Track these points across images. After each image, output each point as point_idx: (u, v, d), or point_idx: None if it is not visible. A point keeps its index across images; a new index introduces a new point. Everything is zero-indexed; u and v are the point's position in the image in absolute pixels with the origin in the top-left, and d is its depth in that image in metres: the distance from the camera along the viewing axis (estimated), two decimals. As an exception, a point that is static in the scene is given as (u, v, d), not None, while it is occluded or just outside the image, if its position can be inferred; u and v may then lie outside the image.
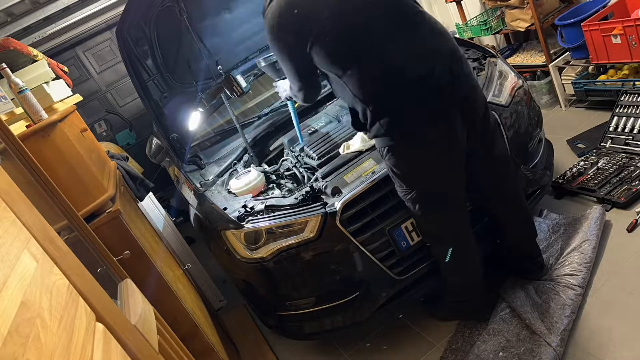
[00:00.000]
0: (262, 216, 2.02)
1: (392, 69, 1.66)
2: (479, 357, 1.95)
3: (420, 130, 1.71)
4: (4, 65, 1.64)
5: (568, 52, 3.41)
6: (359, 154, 2.17)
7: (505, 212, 2.05)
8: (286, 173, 2.46)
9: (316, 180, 2.14)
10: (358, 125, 1.84)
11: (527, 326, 1.96)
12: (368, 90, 1.69)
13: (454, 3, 4.10)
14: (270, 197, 2.13)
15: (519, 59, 3.84)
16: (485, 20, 3.90)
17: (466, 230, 1.96)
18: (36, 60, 2.11)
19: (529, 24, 3.49)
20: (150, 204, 3.03)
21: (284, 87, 2.23)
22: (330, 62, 1.71)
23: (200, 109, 2.75)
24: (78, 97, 2.26)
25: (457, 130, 1.73)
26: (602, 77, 3.20)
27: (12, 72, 1.65)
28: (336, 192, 1.99)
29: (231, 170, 2.56)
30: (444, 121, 1.71)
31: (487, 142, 1.87)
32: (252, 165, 2.59)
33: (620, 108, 2.86)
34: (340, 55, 1.68)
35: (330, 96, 2.92)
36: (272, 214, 2.01)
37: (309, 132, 2.62)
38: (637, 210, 2.30)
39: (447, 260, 1.93)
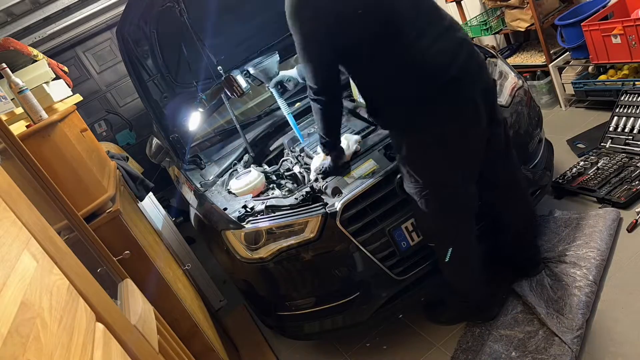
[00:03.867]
0: (262, 216, 2.02)
1: (413, 63, 1.65)
2: (492, 357, 1.94)
3: (438, 126, 1.70)
4: (4, 65, 1.64)
5: (568, 52, 3.41)
6: (361, 153, 2.17)
7: (513, 206, 2.04)
8: (286, 173, 2.46)
9: (316, 180, 2.14)
10: (374, 114, 1.83)
11: (540, 325, 1.96)
12: (386, 82, 1.68)
13: (454, 3, 4.10)
14: (271, 198, 2.13)
15: (519, 59, 3.84)
16: (485, 20, 3.90)
17: (473, 229, 1.96)
18: (36, 60, 2.11)
19: (529, 24, 3.49)
20: (150, 204, 3.03)
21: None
22: (350, 51, 1.69)
23: (201, 109, 2.75)
24: (78, 97, 2.26)
25: (475, 127, 1.72)
26: (602, 77, 3.20)
27: (12, 72, 1.65)
28: (336, 192, 1.99)
29: (231, 170, 2.56)
30: (462, 117, 1.70)
31: (497, 135, 1.86)
32: (252, 165, 2.59)
33: (620, 108, 2.86)
34: (360, 45, 1.66)
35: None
36: (272, 214, 2.01)
37: (309, 132, 2.62)
38: (637, 210, 2.30)
39: (447, 259, 1.93)
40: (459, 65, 1.66)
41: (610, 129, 2.84)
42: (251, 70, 2.42)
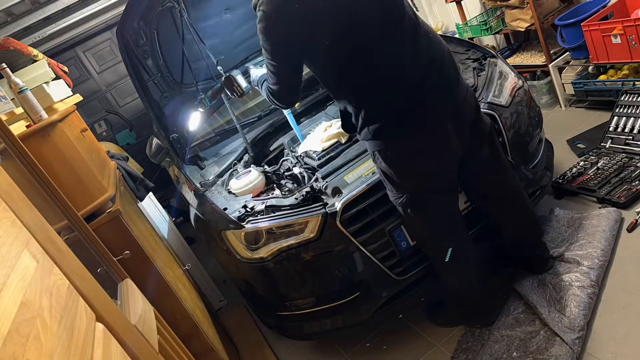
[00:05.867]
0: (263, 216, 2.02)
1: (386, 76, 1.66)
2: (492, 357, 1.94)
3: (410, 137, 1.71)
4: (4, 65, 1.64)
5: (568, 52, 3.41)
6: (359, 154, 2.17)
7: (509, 216, 2.05)
8: (286, 173, 2.46)
9: (316, 180, 2.14)
10: (348, 127, 1.85)
11: (542, 325, 1.95)
12: (361, 94, 1.69)
13: (454, 3, 4.10)
14: (271, 198, 2.13)
15: (519, 59, 3.84)
16: (485, 20, 3.90)
17: (459, 233, 1.96)
18: (36, 60, 2.11)
19: (529, 24, 3.49)
20: (150, 204, 3.03)
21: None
22: (324, 64, 1.70)
23: (201, 109, 2.75)
24: (78, 97, 2.26)
25: (448, 138, 1.73)
26: (602, 77, 3.20)
27: (12, 72, 1.65)
28: (336, 192, 1.99)
29: (231, 170, 2.56)
30: (434, 129, 1.72)
31: (480, 147, 1.87)
32: (252, 165, 2.59)
33: (620, 108, 2.86)
34: (334, 59, 1.66)
35: (330, 97, 2.92)
36: (273, 214, 2.01)
37: (309, 132, 2.62)
38: (637, 210, 2.30)
39: (445, 260, 1.93)
40: (431, 85, 1.67)
41: (610, 129, 2.84)
42: (251, 67, 2.42)
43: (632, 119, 2.75)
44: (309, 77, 3.27)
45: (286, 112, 2.57)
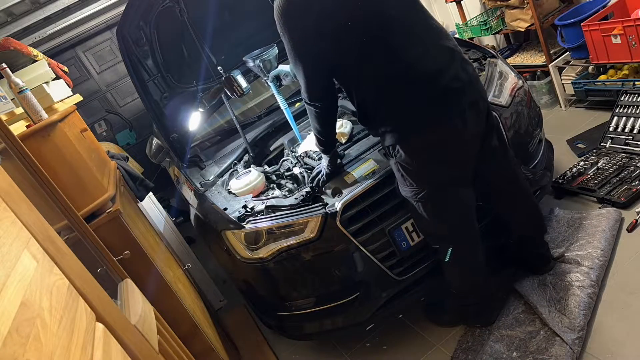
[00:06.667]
0: (263, 216, 2.02)
1: (405, 72, 1.67)
2: (492, 357, 1.94)
3: (433, 127, 1.71)
4: (4, 65, 1.64)
5: (568, 52, 3.41)
6: (359, 154, 2.17)
7: (515, 209, 2.05)
8: (286, 173, 2.46)
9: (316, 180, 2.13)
10: (366, 121, 1.84)
11: (542, 325, 1.95)
12: (378, 90, 1.70)
13: (454, 3, 4.10)
14: (271, 198, 2.13)
15: (519, 59, 3.84)
16: (485, 20, 3.90)
17: (474, 230, 1.95)
18: (36, 60, 2.12)
19: (529, 24, 3.49)
20: (150, 204, 3.03)
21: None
22: (341, 61, 1.70)
23: (201, 109, 2.75)
24: (78, 97, 2.26)
25: (469, 125, 1.74)
26: (602, 77, 3.20)
27: (12, 72, 1.65)
28: (336, 192, 1.99)
29: (231, 170, 2.56)
30: (456, 118, 1.72)
31: (491, 138, 1.88)
32: (252, 165, 2.58)
33: (620, 108, 2.86)
34: (351, 54, 1.67)
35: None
36: (273, 214, 2.01)
37: (309, 132, 2.62)
38: (637, 210, 2.30)
39: (447, 259, 1.93)
40: (450, 75, 1.68)
41: (610, 129, 2.84)
42: (250, 63, 2.42)
43: (632, 119, 2.75)
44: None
45: (286, 111, 2.57)
